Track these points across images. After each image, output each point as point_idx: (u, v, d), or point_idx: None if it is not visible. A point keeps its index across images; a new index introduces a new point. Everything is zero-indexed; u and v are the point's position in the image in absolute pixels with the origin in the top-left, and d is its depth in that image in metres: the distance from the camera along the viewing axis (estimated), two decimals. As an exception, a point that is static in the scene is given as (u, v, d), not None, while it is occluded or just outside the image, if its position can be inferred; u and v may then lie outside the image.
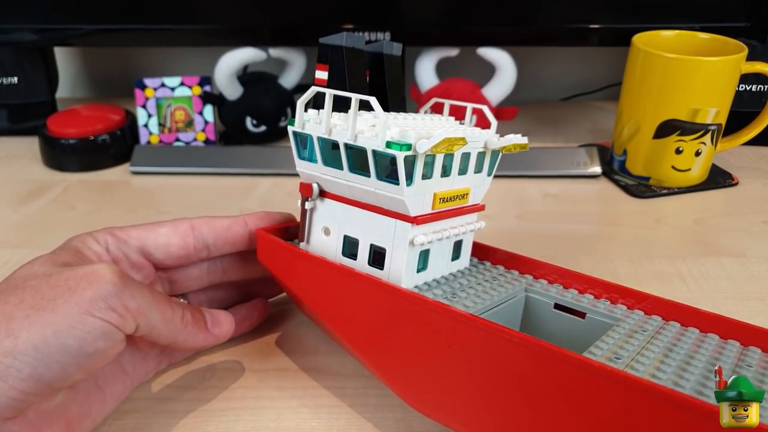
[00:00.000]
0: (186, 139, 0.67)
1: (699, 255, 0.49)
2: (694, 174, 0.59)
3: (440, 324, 0.29)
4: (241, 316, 0.38)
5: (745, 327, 0.30)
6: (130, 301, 0.28)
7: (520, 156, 0.63)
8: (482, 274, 0.35)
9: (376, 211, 0.31)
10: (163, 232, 0.35)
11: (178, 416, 0.33)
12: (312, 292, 0.34)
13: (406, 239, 0.31)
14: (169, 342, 0.31)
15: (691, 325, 0.31)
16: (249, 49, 0.64)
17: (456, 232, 0.33)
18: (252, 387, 0.35)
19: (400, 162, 0.28)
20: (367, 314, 0.32)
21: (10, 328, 0.25)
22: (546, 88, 0.86)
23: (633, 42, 0.58)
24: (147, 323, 0.29)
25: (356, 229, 0.33)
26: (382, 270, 0.32)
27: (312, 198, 0.33)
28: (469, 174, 0.33)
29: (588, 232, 0.53)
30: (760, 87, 0.65)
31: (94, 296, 0.27)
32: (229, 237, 0.36)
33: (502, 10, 0.66)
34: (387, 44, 0.36)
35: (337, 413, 0.33)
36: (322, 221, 0.34)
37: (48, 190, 0.60)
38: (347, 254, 0.33)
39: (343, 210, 0.33)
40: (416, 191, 0.30)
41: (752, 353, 0.29)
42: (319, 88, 0.31)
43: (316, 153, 0.32)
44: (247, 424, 0.33)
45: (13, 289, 0.27)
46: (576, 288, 0.35)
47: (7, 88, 0.70)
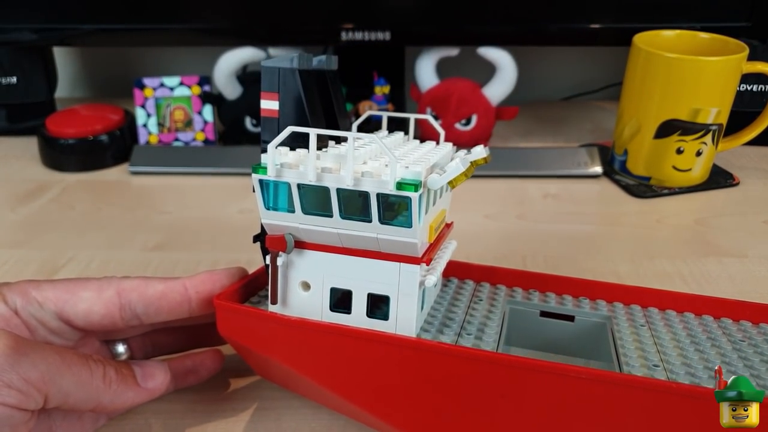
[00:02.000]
0: (185, 138, 0.67)
1: (700, 255, 0.49)
2: (695, 174, 0.59)
3: (490, 373, 0.26)
4: (186, 368, 0.33)
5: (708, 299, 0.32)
6: (31, 371, 0.24)
7: (521, 156, 0.63)
8: (462, 296, 0.34)
9: (373, 256, 0.28)
10: (85, 296, 0.30)
11: (178, 416, 0.33)
12: (306, 361, 0.30)
13: (415, 282, 0.28)
14: (92, 406, 0.27)
15: (667, 307, 0.33)
16: (248, 49, 0.64)
17: (445, 258, 0.31)
18: (252, 387, 0.35)
19: (415, 204, 0.26)
20: (386, 374, 0.28)
21: None
22: (546, 88, 0.86)
23: (634, 42, 0.58)
24: (58, 392, 0.25)
25: (347, 279, 0.29)
26: (386, 321, 0.28)
27: (286, 252, 0.29)
28: (443, 196, 0.32)
29: (589, 232, 0.53)
30: (761, 87, 0.65)
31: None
32: (163, 306, 0.30)
33: (502, 10, 0.65)
34: (326, 59, 0.32)
35: (337, 413, 0.33)
36: (300, 276, 0.29)
37: (47, 190, 0.60)
38: (338, 309, 0.29)
39: (329, 260, 0.29)
40: (421, 229, 0.27)
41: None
42: (296, 128, 0.26)
43: (294, 202, 0.28)
44: (247, 425, 0.33)
45: None
46: (553, 291, 0.35)
47: (6, 88, 0.70)
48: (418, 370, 0.27)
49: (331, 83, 0.32)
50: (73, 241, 0.50)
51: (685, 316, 0.31)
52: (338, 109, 0.32)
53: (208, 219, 0.54)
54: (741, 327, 0.31)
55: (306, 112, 0.29)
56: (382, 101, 0.66)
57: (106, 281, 0.31)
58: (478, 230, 0.52)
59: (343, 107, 0.33)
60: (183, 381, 0.33)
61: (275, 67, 0.29)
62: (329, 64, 0.32)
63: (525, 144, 0.70)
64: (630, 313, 0.32)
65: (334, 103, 0.32)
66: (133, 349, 0.34)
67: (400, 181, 0.25)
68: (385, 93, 0.67)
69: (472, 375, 0.27)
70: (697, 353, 0.28)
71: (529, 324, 0.33)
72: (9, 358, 0.24)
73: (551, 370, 0.25)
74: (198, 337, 0.35)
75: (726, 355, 0.28)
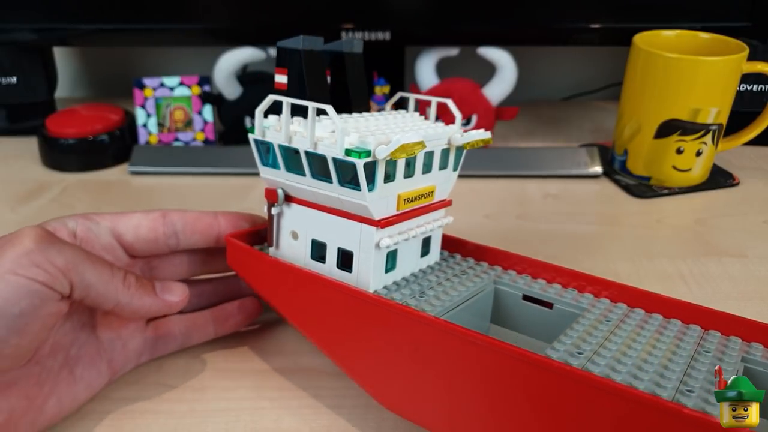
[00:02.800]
0: (185, 138, 0.67)
1: (700, 255, 0.49)
2: (695, 174, 0.59)
3: (406, 327, 0.29)
4: (227, 312, 0.37)
5: (705, 311, 0.31)
6: (57, 257, 0.27)
7: (520, 156, 0.63)
8: (452, 269, 0.36)
9: (341, 215, 0.32)
10: (135, 216, 0.35)
11: (177, 416, 0.33)
12: (281, 296, 0.35)
13: (372, 242, 0.31)
14: (112, 305, 0.30)
15: (654, 311, 0.32)
16: (248, 49, 0.64)
17: (423, 230, 0.33)
18: (252, 387, 0.35)
19: (360, 169, 0.29)
20: (335, 318, 0.32)
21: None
22: (546, 88, 0.86)
23: (634, 42, 0.58)
24: (82, 281, 0.28)
25: (323, 233, 0.33)
26: (350, 273, 0.32)
27: (278, 203, 0.34)
28: (434, 172, 0.33)
29: (588, 232, 0.53)
30: (761, 87, 0.65)
31: (16, 254, 0.26)
32: (198, 227, 0.36)
33: (502, 10, 0.65)
34: (347, 42, 0.36)
35: (337, 414, 0.33)
36: (290, 226, 0.34)
37: (47, 190, 0.60)
38: (316, 258, 0.33)
39: (310, 214, 0.33)
40: (379, 195, 0.30)
41: (711, 337, 0.30)
42: (277, 96, 0.31)
43: (278, 160, 0.32)
44: (247, 425, 0.33)
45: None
46: (544, 278, 0.35)
47: (6, 88, 0.70)
48: (364, 319, 0.31)
49: (350, 65, 0.35)
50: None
51: (671, 323, 0.31)
52: (354, 88, 0.36)
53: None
54: (728, 342, 0.29)
55: (305, 86, 0.33)
56: (382, 101, 0.66)
57: (152, 210, 0.35)
58: (478, 230, 0.52)
59: (360, 87, 0.36)
60: (223, 327, 0.37)
61: (283, 47, 0.33)
62: (350, 48, 0.35)
63: (525, 144, 0.71)
64: (610, 309, 0.32)
65: (348, 82, 0.35)
66: None
67: (348, 148, 0.29)
68: (385, 93, 0.67)
69: (390, 326, 0.30)
70: (644, 354, 0.27)
71: (512, 306, 0.34)
72: (38, 244, 0.27)
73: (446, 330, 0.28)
74: (238, 291, 0.39)
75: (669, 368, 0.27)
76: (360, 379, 0.32)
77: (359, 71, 0.36)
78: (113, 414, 0.33)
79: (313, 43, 0.33)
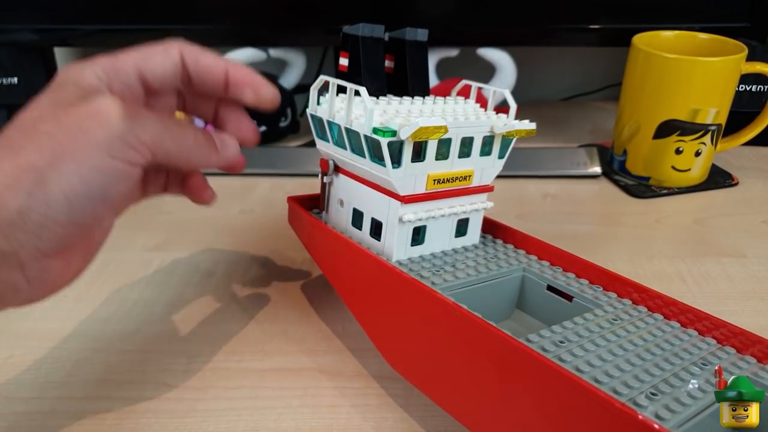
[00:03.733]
0: (186, 139, 0.67)
1: (699, 255, 0.49)
2: (694, 174, 0.59)
3: (407, 294, 0.32)
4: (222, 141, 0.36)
5: (738, 332, 0.29)
6: (144, 134, 0.28)
7: (520, 156, 0.63)
8: (486, 252, 0.37)
9: (374, 188, 0.35)
10: (158, 59, 0.33)
11: (178, 416, 0.33)
12: (323, 256, 0.39)
13: (396, 216, 0.34)
14: (183, 164, 0.32)
15: (673, 319, 0.31)
16: (249, 49, 0.64)
17: (455, 210, 0.36)
18: (252, 387, 0.35)
19: (385, 147, 0.31)
20: (360, 279, 0.36)
21: (39, 178, 0.26)
22: (546, 88, 0.86)
23: (633, 42, 0.58)
24: (163, 151, 0.29)
25: (361, 203, 0.36)
26: (379, 242, 0.35)
27: (329, 173, 0.37)
28: (474, 157, 0.35)
29: (588, 232, 0.53)
30: (760, 87, 0.65)
31: (109, 136, 0.27)
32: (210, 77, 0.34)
33: (502, 10, 0.66)
34: (411, 31, 0.38)
35: (337, 413, 0.33)
36: (338, 194, 0.38)
37: (48, 190, 0.60)
38: (355, 225, 0.37)
39: (352, 185, 0.36)
40: (405, 173, 0.33)
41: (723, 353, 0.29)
42: (326, 77, 0.34)
43: (327, 134, 0.36)
44: (247, 424, 0.33)
45: (28, 137, 0.27)
46: (574, 272, 0.36)
47: (7, 88, 0.70)
48: (380, 284, 0.34)
49: (411, 52, 0.38)
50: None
51: (686, 332, 0.30)
52: (413, 73, 0.38)
53: (209, 219, 0.54)
54: (722, 352, 0.29)
55: (362, 71, 0.36)
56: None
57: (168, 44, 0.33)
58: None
59: (419, 73, 0.39)
60: None
61: (346, 33, 0.37)
62: (413, 36, 0.38)
63: (524, 144, 0.70)
64: (628, 311, 0.32)
65: (408, 67, 0.38)
66: None
67: (376, 127, 0.31)
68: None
69: (397, 292, 0.33)
70: (633, 356, 0.27)
71: (537, 295, 0.36)
72: (126, 122, 0.27)
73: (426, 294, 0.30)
74: None
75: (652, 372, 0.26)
76: (372, 335, 0.35)
77: (420, 58, 0.38)
78: (113, 414, 0.33)
79: (373, 30, 0.37)
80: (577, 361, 0.26)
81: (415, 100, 0.37)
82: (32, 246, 0.26)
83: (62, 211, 0.26)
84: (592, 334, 0.29)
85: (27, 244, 0.26)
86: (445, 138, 0.33)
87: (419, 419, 0.33)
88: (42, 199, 0.26)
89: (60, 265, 0.28)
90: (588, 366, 0.26)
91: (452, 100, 0.38)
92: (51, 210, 0.26)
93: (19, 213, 0.25)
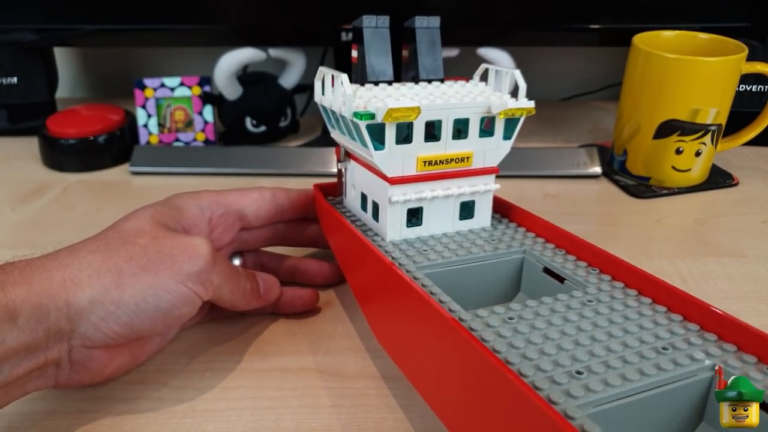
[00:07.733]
0: (185, 139, 0.67)
1: (699, 255, 0.49)
2: (695, 174, 0.59)
3: (378, 270, 0.33)
4: (286, 298, 0.40)
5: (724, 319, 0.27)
6: (215, 277, 0.33)
7: (520, 156, 0.63)
8: (489, 234, 0.37)
9: (372, 171, 0.36)
10: (253, 196, 0.40)
11: (178, 416, 0.33)
12: (330, 238, 0.41)
13: (386, 197, 0.35)
14: (228, 306, 0.36)
15: (666, 305, 0.30)
16: (249, 49, 0.64)
17: (452, 192, 0.36)
18: (252, 387, 0.35)
19: (363, 129, 0.32)
20: (352, 258, 0.37)
21: (120, 281, 0.30)
22: (546, 88, 0.86)
23: (633, 42, 0.58)
24: (220, 294, 0.34)
25: (365, 186, 0.38)
26: (378, 223, 0.37)
27: (341, 159, 0.40)
28: (472, 138, 0.35)
29: (588, 232, 0.53)
30: (761, 87, 0.65)
31: (192, 270, 0.31)
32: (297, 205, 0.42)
33: (502, 11, 0.66)
34: (422, 19, 0.39)
35: (337, 413, 0.33)
36: (351, 179, 0.40)
37: (47, 190, 0.60)
38: (362, 207, 0.39)
39: (359, 169, 0.38)
40: (390, 155, 0.34)
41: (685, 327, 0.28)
42: (323, 67, 0.36)
43: (334, 123, 0.37)
44: (247, 424, 0.33)
45: (123, 244, 0.31)
46: (576, 255, 0.35)
47: (7, 88, 0.70)
48: (365, 262, 0.35)
49: (421, 38, 0.39)
50: (74, 240, 0.50)
51: (655, 309, 0.29)
52: (423, 58, 0.39)
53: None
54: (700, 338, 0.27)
55: (365, 60, 0.37)
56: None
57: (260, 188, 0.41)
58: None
59: (431, 58, 0.39)
60: (279, 308, 0.41)
61: (353, 27, 0.38)
62: (421, 23, 0.39)
63: (524, 144, 0.70)
64: (613, 295, 0.30)
65: (417, 50, 0.39)
66: (247, 264, 0.42)
67: (356, 111, 0.32)
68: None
69: (376, 270, 0.34)
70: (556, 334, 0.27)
71: (535, 277, 0.36)
72: (208, 264, 0.32)
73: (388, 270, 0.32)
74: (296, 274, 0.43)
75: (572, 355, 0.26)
76: (366, 312, 0.36)
77: (431, 43, 0.39)
78: (113, 414, 0.33)
79: (377, 21, 0.38)
80: (497, 341, 0.26)
81: (420, 85, 0.38)
82: (86, 334, 0.30)
83: (127, 313, 0.30)
84: (537, 317, 0.28)
85: (84, 330, 0.29)
86: (435, 119, 0.33)
87: (419, 419, 0.33)
88: (115, 298, 0.30)
89: (104, 358, 0.31)
90: (506, 347, 0.26)
91: (460, 84, 0.39)
92: (119, 310, 0.30)
93: (90, 302, 0.29)
